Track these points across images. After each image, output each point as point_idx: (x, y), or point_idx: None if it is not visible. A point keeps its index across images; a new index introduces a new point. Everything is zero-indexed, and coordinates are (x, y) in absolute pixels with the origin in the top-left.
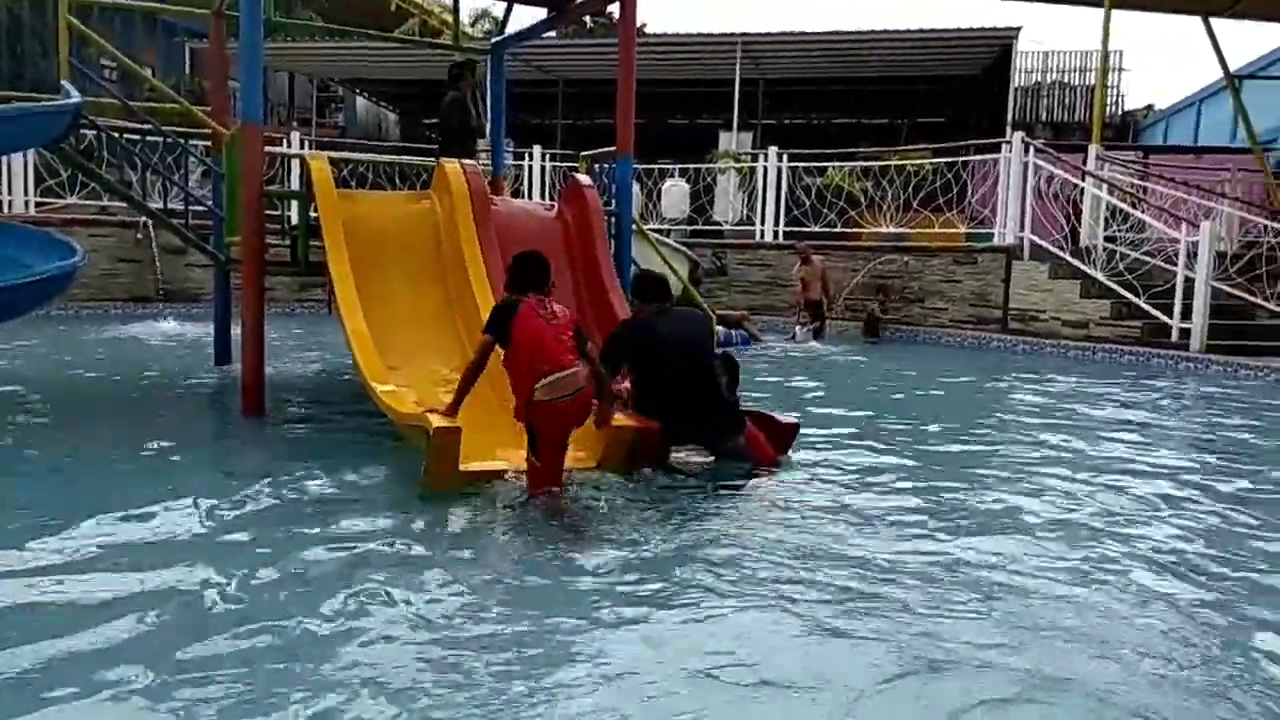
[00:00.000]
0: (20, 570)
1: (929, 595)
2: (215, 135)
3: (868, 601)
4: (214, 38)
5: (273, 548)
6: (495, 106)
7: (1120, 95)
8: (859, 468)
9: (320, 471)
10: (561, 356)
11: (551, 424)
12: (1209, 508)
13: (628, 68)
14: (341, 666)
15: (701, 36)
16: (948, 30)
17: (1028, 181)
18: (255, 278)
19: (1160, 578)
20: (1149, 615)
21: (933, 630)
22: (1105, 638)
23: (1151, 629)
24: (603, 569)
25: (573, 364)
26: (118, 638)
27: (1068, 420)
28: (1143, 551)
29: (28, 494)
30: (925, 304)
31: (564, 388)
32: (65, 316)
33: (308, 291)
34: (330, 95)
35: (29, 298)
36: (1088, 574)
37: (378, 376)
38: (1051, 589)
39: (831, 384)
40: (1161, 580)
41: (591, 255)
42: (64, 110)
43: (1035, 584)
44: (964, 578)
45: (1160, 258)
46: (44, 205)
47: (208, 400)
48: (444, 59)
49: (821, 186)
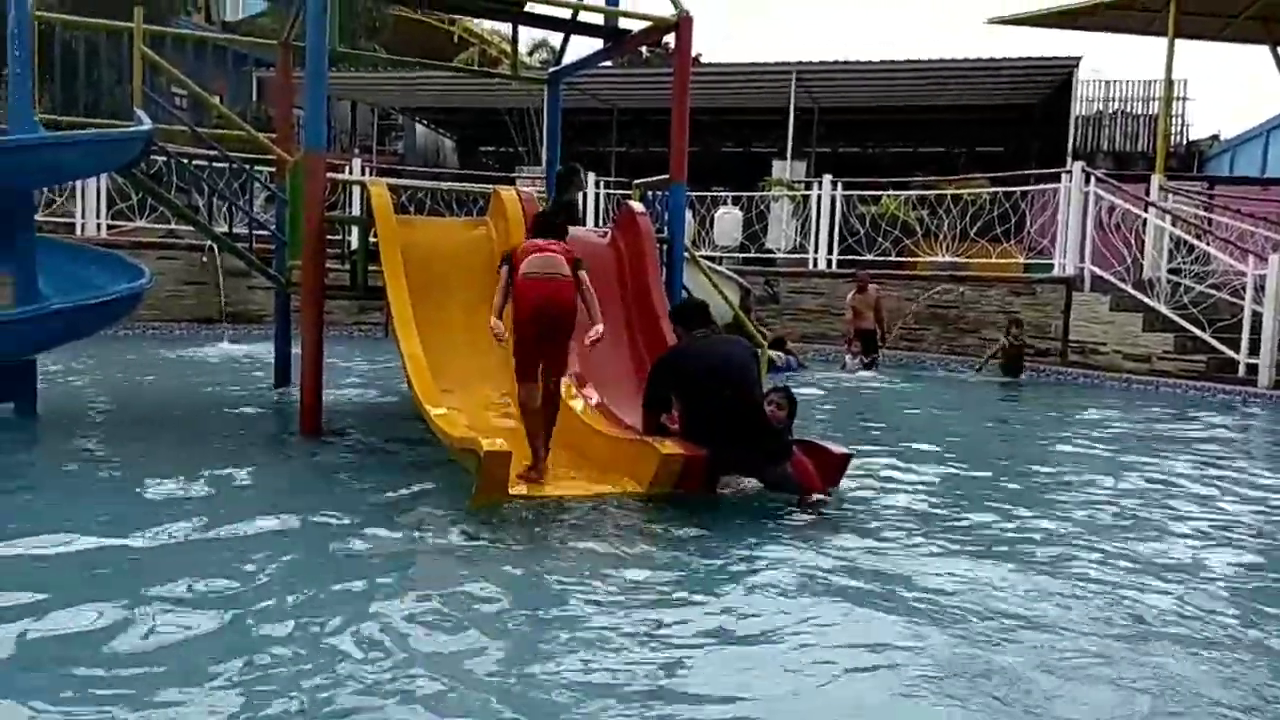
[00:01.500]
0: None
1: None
2: (279, 162)
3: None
4: (281, 68)
5: (324, 560)
6: (551, 135)
7: (1185, 125)
8: (906, 505)
9: (374, 489)
10: (545, 246)
11: (530, 303)
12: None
13: (682, 97)
14: (385, 679)
15: (756, 66)
16: (1006, 60)
17: (1088, 212)
18: (315, 301)
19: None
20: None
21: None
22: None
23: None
24: (643, 588)
25: (555, 253)
26: (165, 643)
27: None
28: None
29: (92, 503)
30: (981, 335)
31: (543, 267)
32: (131, 336)
33: (366, 315)
34: (390, 123)
35: (99, 317)
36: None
37: (431, 399)
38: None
39: (889, 416)
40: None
41: (643, 282)
42: (136, 137)
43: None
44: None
45: (1226, 291)
46: (115, 228)
47: (267, 419)
48: (502, 87)
49: (876, 215)
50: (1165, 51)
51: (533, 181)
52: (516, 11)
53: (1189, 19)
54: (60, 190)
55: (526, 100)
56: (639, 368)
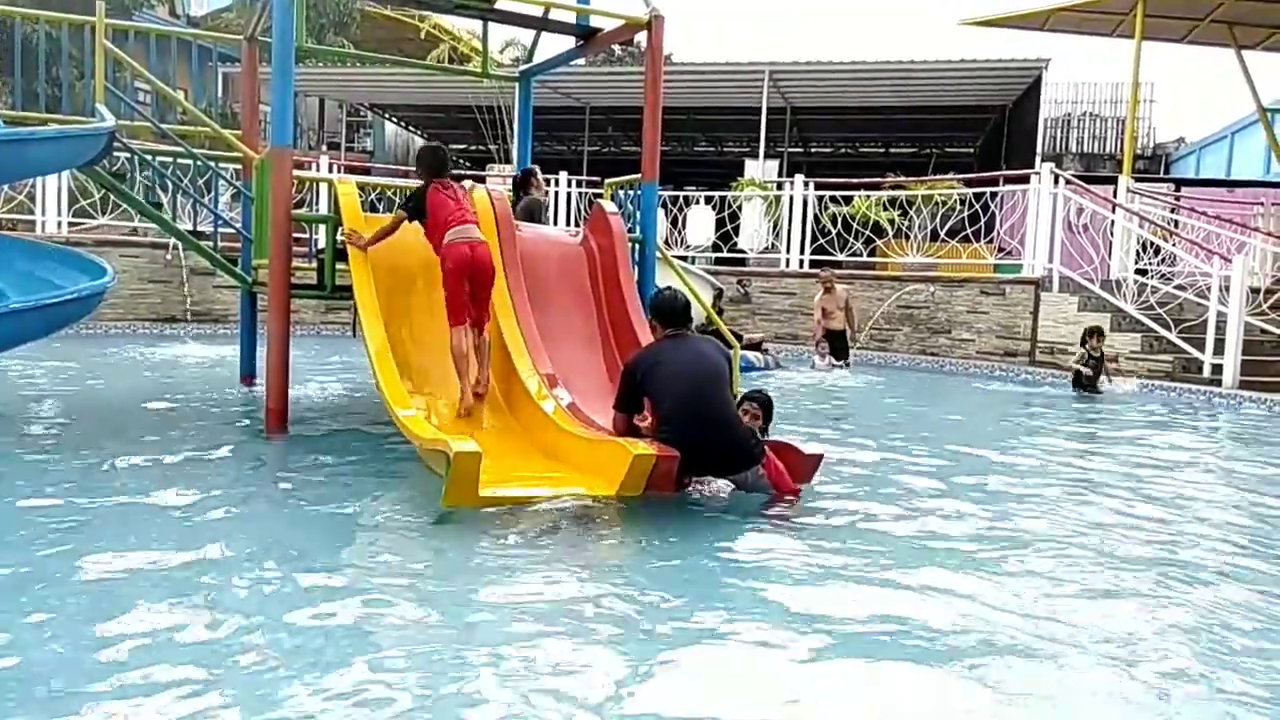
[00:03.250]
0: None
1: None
2: (246, 159)
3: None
4: (246, 63)
5: (288, 562)
6: (522, 133)
7: (1151, 127)
8: (887, 497)
9: (341, 490)
10: (463, 218)
11: (455, 260)
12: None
13: (654, 96)
14: (352, 681)
15: (728, 65)
16: (976, 62)
17: (1057, 213)
18: (281, 300)
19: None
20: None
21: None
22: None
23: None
24: (609, 593)
25: (472, 222)
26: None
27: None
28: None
29: (52, 503)
30: (951, 335)
31: (465, 235)
32: (94, 335)
33: (333, 314)
34: (359, 120)
35: (59, 316)
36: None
37: (399, 399)
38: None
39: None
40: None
41: (616, 282)
42: (98, 133)
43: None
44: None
45: (1192, 291)
46: (76, 225)
47: (232, 419)
48: (472, 85)
49: (848, 215)
50: (1132, 54)
51: (503, 180)
52: (487, 9)
53: (1155, 22)
54: (19, 187)
55: (498, 98)
56: (611, 368)
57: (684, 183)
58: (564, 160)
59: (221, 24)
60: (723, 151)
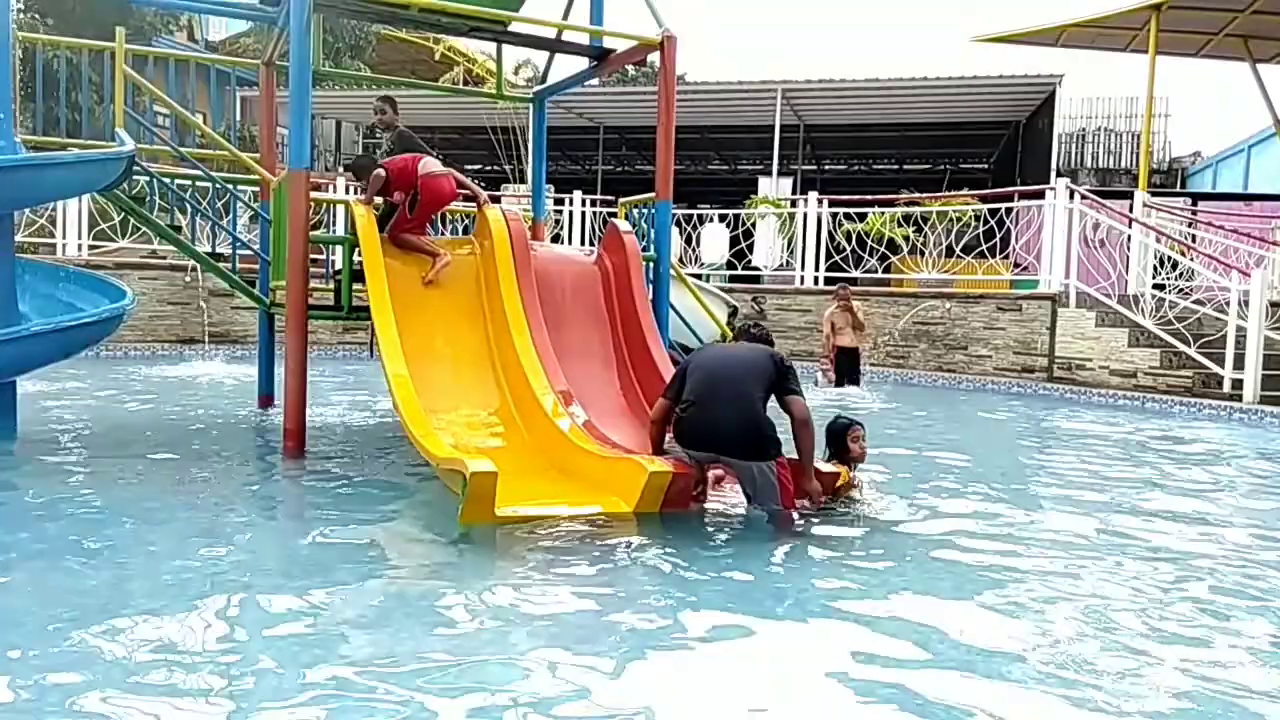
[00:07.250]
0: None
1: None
2: (263, 181)
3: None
4: (264, 87)
5: (305, 578)
6: (536, 154)
7: (1167, 141)
8: (892, 525)
9: (359, 509)
10: (428, 166)
11: (435, 192)
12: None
13: (667, 115)
14: (369, 695)
15: (742, 84)
16: (989, 77)
17: (1073, 228)
18: (299, 321)
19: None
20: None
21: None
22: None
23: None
24: (627, 610)
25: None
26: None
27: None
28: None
29: (78, 527)
30: (968, 351)
31: (439, 167)
32: (114, 357)
33: (350, 334)
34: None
35: (80, 339)
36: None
37: (417, 419)
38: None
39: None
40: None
41: (630, 302)
42: (119, 158)
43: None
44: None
45: (1211, 306)
46: (96, 249)
47: (251, 441)
48: (487, 106)
49: (862, 232)
50: (1147, 69)
51: (518, 200)
52: (501, 31)
53: (1169, 36)
54: (41, 211)
55: (512, 118)
56: (626, 386)
57: (698, 201)
58: (578, 179)
59: (239, 48)
60: (736, 169)
